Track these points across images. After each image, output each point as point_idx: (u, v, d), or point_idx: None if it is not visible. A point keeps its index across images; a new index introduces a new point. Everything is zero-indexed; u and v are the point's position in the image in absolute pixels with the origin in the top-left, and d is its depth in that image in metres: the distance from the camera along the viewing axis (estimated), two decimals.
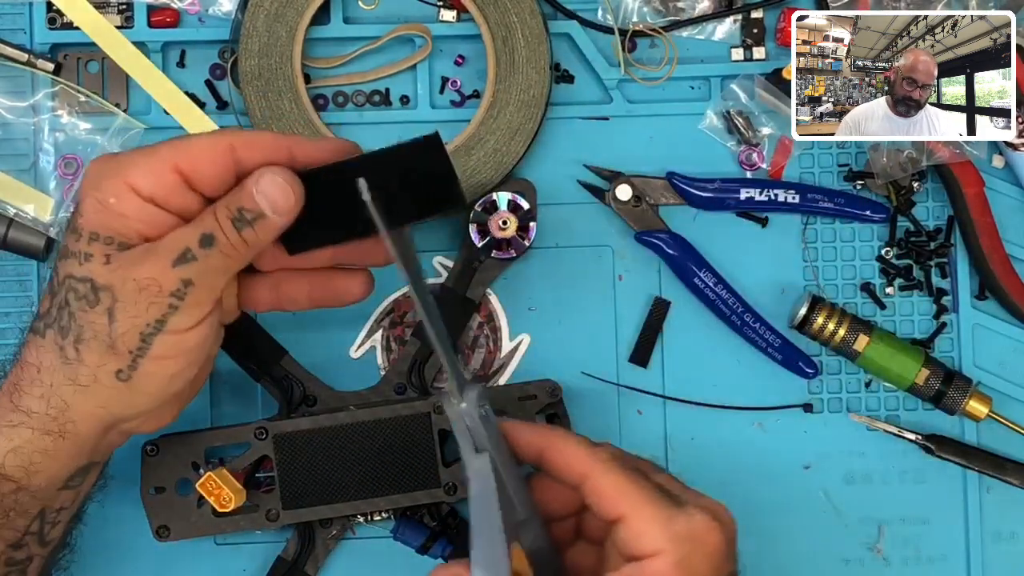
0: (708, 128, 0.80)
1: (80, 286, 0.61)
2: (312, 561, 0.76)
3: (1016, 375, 0.80)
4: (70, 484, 0.65)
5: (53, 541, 0.67)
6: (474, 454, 0.62)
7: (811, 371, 0.79)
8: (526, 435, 0.65)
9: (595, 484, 0.62)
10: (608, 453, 0.64)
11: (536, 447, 0.65)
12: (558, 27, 0.79)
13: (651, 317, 0.79)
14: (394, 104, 0.80)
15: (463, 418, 0.61)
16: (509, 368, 0.79)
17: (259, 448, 0.73)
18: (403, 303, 0.79)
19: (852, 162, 0.80)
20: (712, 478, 0.79)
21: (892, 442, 0.79)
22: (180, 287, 0.61)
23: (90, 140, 0.78)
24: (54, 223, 0.77)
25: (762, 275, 0.80)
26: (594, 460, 0.63)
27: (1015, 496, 0.79)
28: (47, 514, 0.66)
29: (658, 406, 0.80)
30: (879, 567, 0.80)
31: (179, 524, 0.73)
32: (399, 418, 0.74)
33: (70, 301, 0.61)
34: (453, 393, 0.61)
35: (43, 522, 0.66)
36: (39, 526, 0.65)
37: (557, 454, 0.64)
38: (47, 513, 0.66)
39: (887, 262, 0.80)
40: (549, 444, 0.64)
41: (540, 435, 0.65)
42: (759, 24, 0.80)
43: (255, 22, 0.77)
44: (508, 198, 0.76)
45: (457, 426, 0.62)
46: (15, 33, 0.78)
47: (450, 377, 0.61)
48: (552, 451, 0.64)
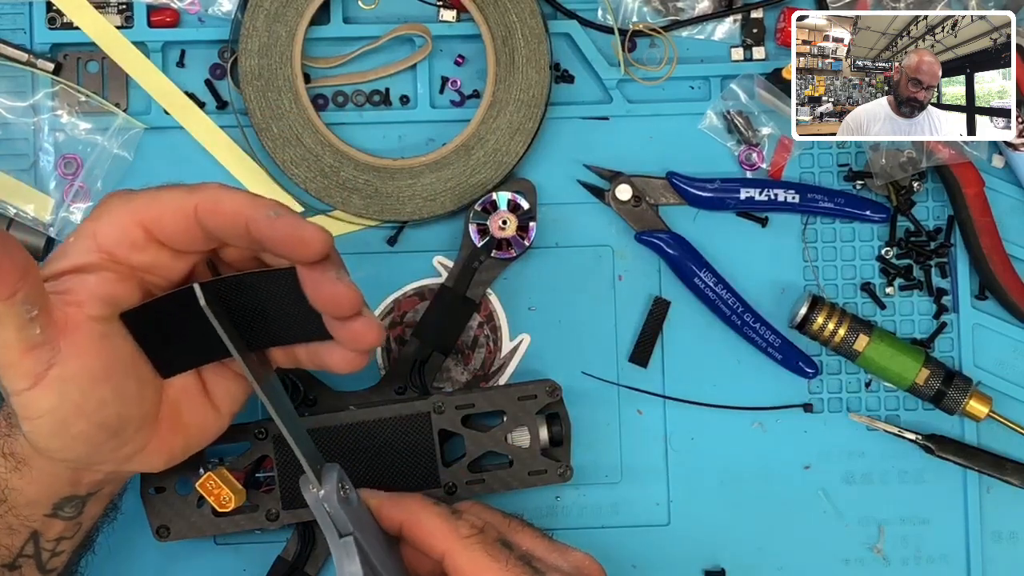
0: (708, 128, 0.80)
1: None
2: (312, 561, 0.76)
3: (1016, 375, 0.80)
4: (60, 514, 0.65)
5: (56, 570, 0.67)
6: (338, 539, 0.61)
7: (811, 371, 0.79)
8: (386, 510, 0.65)
9: (454, 562, 0.62)
10: (468, 527, 0.63)
11: (396, 520, 0.65)
12: (558, 27, 0.79)
13: (651, 317, 0.79)
14: (394, 104, 0.80)
15: (322, 505, 0.61)
16: (509, 368, 0.79)
17: (259, 448, 0.73)
18: (403, 303, 0.79)
19: (852, 162, 0.80)
20: (712, 478, 0.80)
21: (892, 442, 0.79)
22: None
23: (90, 140, 0.78)
24: (54, 223, 0.77)
25: (762, 275, 0.80)
26: (454, 537, 0.63)
27: (1015, 496, 0.79)
28: (42, 541, 0.66)
29: (658, 406, 0.80)
30: (879, 567, 0.80)
31: (179, 524, 0.73)
32: (399, 418, 0.74)
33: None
34: (310, 480, 0.61)
35: (38, 547, 0.66)
36: (34, 549, 0.66)
37: (418, 529, 0.64)
38: (42, 540, 0.66)
39: (887, 262, 0.80)
40: (408, 519, 0.64)
41: (400, 509, 0.65)
42: (759, 24, 0.80)
43: (255, 22, 0.77)
44: (508, 198, 0.76)
45: (318, 513, 0.61)
46: (15, 33, 0.78)
47: (304, 466, 0.61)
48: (412, 526, 0.64)
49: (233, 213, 0.60)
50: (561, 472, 0.75)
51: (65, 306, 0.60)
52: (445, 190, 0.78)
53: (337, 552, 0.61)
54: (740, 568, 0.79)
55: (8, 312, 0.57)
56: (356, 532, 0.61)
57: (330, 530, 0.61)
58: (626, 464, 0.79)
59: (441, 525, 0.64)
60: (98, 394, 0.60)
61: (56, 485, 0.64)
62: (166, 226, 0.61)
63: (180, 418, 0.66)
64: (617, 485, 0.79)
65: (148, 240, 0.62)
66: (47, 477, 0.64)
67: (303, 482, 0.61)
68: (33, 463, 0.63)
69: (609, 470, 0.79)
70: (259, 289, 0.63)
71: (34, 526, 0.65)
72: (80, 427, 0.60)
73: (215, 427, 0.68)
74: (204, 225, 0.61)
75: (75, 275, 0.61)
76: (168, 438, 0.65)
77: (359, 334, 0.63)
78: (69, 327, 0.59)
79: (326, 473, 0.61)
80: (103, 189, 0.78)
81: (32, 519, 0.65)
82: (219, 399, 0.67)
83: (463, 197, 0.77)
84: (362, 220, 0.78)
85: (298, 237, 0.59)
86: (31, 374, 0.59)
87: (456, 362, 0.79)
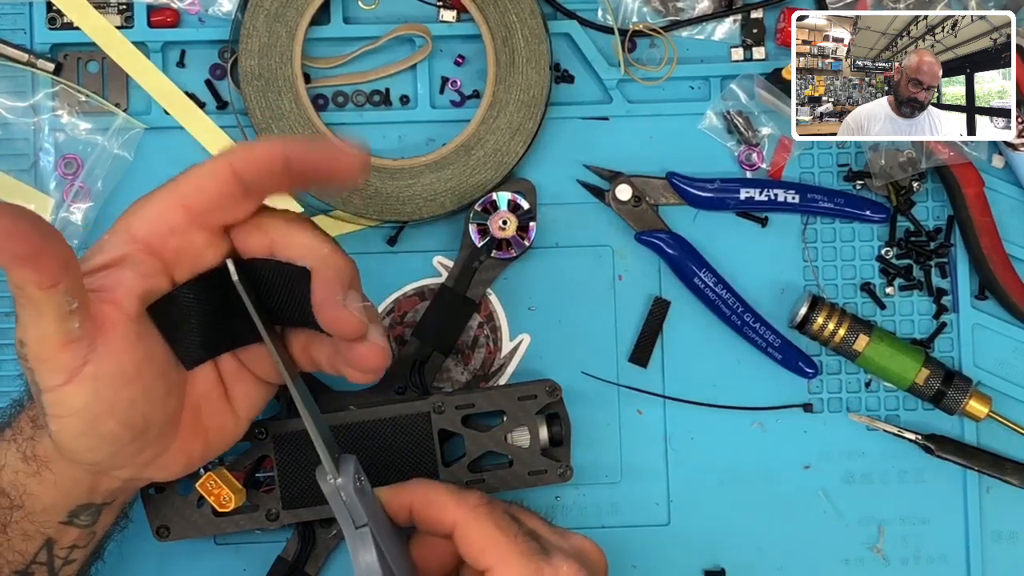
0: (708, 128, 0.80)
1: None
2: (312, 561, 0.76)
3: (1016, 375, 0.80)
4: (76, 521, 0.65)
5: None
6: (354, 529, 0.62)
7: (811, 371, 0.79)
8: (396, 497, 0.65)
9: (464, 533, 0.63)
10: (476, 499, 0.64)
11: (406, 505, 0.65)
12: (558, 27, 0.79)
13: (651, 317, 0.79)
14: (394, 104, 0.80)
15: (339, 494, 0.61)
16: (509, 368, 0.79)
17: (259, 448, 0.73)
18: (403, 303, 0.79)
19: (852, 162, 0.80)
20: (712, 478, 0.80)
21: (892, 442, 0.79)
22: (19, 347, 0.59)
23: (90, 140, 0.78)
24: (54, 223, 0.77)
25: (762, 275, 0.80)
26: (464, 508, 0.63)
27: (1015, 496, 0.79)
28: (56, 548, 0.66)
29: (658, 406, 0.80)
30: (879, 567, 0.80)
31: (179, 524, 0.73)
32: (399, 418, 0.74)
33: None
34: (328, 469, 0.61)
35: (51, 554, 0.66)
36: (47, 557, 0.65)
37: (427, 506, 0.64)
38: (55, 547, 0.66)
39: (887, 262, 0.80)
40: (417, 499, 0.65)
41: (408, 492, 0.65)
42: (759, 24, 0.80)
43: (255, 22, 0.77)
44: (508, 198, 0.76)
45: (334, 503, 0.62)
46: (15, 33, 0.78)
47: (322, 454, 0.61)
48: (422, 505, 0.64)
49: (269, 155, 0.61)
50: (561, 472, 0.75)
51: (101, 303, 0.59)
52: (445, 190, 0.78)
53: (353, 542, 0.61)
54: (740, 568, 0.79)
55: (49, 302, 0.56)
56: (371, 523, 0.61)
57: (346, 520, 0.62)
58: (626, 464, 0.79)
59: (450, 498, 0.64)
60: (128, 393, 0.60)
61: (74, 492, 0.64)
62: (207, 192, 0.61)
63: (201, 422, 0.66)
64: (617, 485, 0.79)
65: (187, 221, 0.61)
66: (67, 483, 0.64)
67: (320, 472, 0.62)
68: (54, 467, 0.63)
69: (609, 470, 0.79)
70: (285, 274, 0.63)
71: (49, 533, 0.65)
72: (109, 427, 0.60)
73: (233, 432, 0.68)
74: (243, 177, 0.61)
75: (111, 271, 0.61)
76: (188, 442, 0.65)
77: (362, 358, 0.63)
78: (106, 324, 0.59)
79: (343, 463, 0.62)
80: (103, 189, 0.78)
81: (47, 526, 0.65)
82: (239, 403, 0.67)
83: (463, 197, 0.77)
84: (362, 220, 0.78)
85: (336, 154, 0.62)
86: (67, 369, 0.58)
87: (456, 362, 0.79)
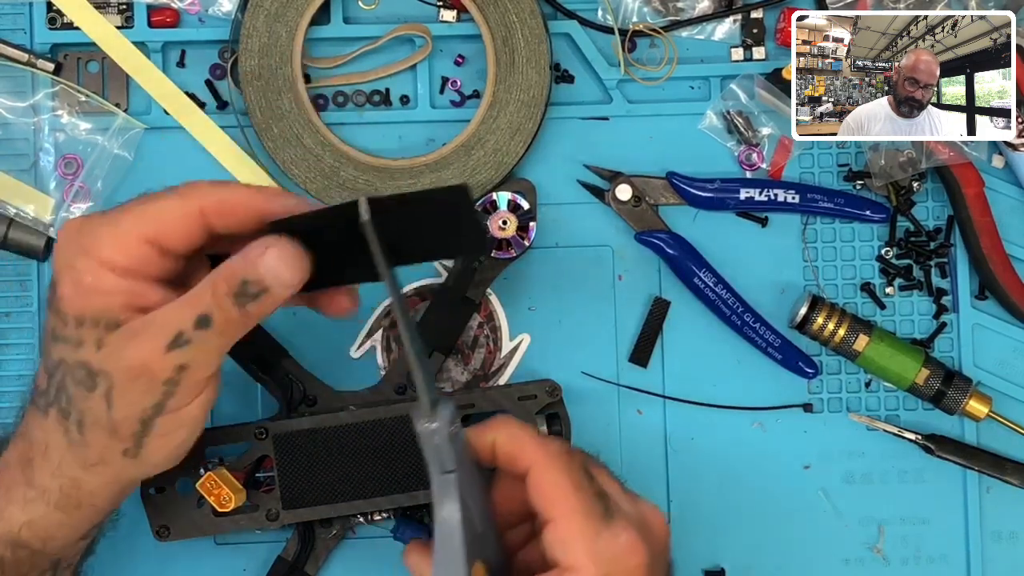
0: (708, 128, 0.80)
1: (76, 371, 0.59)
2: (312, 561, 0.76)
3: (1016, 375, 0.80)
4: (84, 538, 0.66)
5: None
6: (441, 475, 0.61)
7: (811, 371, 0.79)
8: (482, 435, 0.64)
9: (537, 478, 0.61)
10: (558, 446, 0.63)
11: (490, 442, 0.63)
12: (558, 27, 0.79)
13: (651, 317, 0.79)
14: (394, 104, 0.80)
15: (433, 437, 0.60)
16: (509, 368, 0.79)
17: (259, 448, 0.73)
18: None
19: (852, 162, 0.80)
20: (712, 478, 0.80)
21: (892, 442, 0.79)
22: (174, 374, 0.58)
23: (90, 140, 0.78)
24: (54, 223, 0.77)
25: (762, 275, 0.80)
26: (543, 452, 0.62)
27: (1015, 496, 0.79)
28: (61, 565, 0.66)
29: (658, 406, 0.80)
30: (879, 567, 0.80)
31: (179, 524, 0.73)
32: (400, 418, 0.74)
33: (67, 385, 0.60)
34: (425, 412, 0.60)
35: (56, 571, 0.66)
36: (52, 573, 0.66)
37: (510, 441, 0.63)
38: (61, 564, 0.66)
39: (887, 262, 0.80)
40: (503, 433, 0.63)
41: (494, 427, 0.64)
42: (759, 24, 0.80)
43: (255, 22, 0.77)
44: (508, 198, 0.76)
45: (426, 446, 0.61)
46: (15, 33, 0.78)
47: (421, 395, 0.60)
48: (505, 440, 0.63)
49: (245, 207, 0.60)
50: None
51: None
52: None
53: (438, 489, 0.60)
54: (740, 568, 0.79)
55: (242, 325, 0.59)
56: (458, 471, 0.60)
57: (435, 465, 0.60)
58: (626, 464, 0.79)
59: (532, 439, 0.63)
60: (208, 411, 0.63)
61: (96, 516, 0.65)
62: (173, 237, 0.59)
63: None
64: None
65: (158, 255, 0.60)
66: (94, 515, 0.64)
67: (415, 413, 0.60)
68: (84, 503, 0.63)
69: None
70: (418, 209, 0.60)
71: (59, 556, 0.65)
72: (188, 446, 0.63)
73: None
74: (213, 228, 0.60)
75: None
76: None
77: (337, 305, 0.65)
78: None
79: (441, 408, 0.60)
80: (103, 189, 0.78)
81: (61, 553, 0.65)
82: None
83: None
84: None
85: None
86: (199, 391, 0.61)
87: (456, 362, 0.79)
